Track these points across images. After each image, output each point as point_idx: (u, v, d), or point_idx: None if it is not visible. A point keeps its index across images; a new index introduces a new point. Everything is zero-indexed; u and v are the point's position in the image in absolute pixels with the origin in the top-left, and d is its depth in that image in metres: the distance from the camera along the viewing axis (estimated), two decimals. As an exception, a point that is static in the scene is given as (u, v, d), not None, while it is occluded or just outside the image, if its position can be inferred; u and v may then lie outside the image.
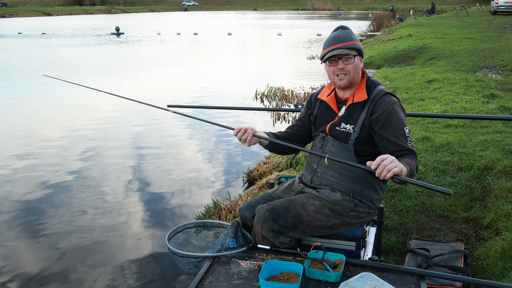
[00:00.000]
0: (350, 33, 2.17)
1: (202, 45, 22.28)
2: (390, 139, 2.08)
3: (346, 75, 2.15)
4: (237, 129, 2.20)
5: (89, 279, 3.38)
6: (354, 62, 2.14)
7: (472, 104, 6.25)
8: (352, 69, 2.14)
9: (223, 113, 8.23)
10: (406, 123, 2.13)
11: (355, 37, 2.18)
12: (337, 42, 2.14)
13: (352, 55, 2.13)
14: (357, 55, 2.16)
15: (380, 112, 2.09)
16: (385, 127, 2.08)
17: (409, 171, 1.92)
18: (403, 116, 2.14)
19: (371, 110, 2.12)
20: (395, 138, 2.07)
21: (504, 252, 2.75)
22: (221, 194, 4.79)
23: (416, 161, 2.05)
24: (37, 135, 7.11)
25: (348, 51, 2.12)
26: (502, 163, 4.04)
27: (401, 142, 2.07)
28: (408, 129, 2.12)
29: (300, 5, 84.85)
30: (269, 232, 2.12)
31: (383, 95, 2.14)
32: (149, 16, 58.44)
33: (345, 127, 2.17)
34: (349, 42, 2.14)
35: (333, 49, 2.14)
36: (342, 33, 2.16)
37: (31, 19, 48.79)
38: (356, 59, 2.15)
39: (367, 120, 2.12)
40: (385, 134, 2.08)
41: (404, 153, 2.07)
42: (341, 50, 2.12)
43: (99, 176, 5.34)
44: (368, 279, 1.80)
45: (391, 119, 2.08)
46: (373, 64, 12.23)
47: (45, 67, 14.24)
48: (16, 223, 4.26)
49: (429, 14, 37.62)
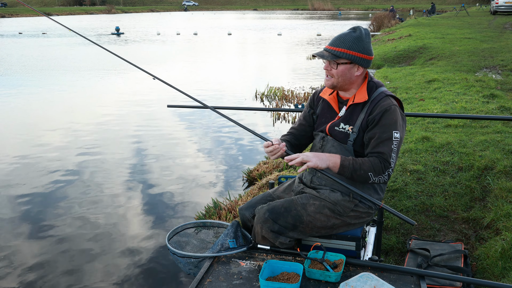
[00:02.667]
0: (355, 38, 2.07)
1: (202, 45, 22.27)
2: (371, 139, 2.07)
3: (331, 78, 2.14)
4: (269, 142, 2.13)
5: (89, 278, 3.38)
6: (337, 69, 2.10)
7: (472, 104, 6.25)
8: (336, 75, 2.11)
9: (222, 113, 8.22)
10: (398, 127, 2.07)
11: (357, 44, 2.06)
12: (330, 43, 2.12)
13: (335, 62, 2.09)
14: (346, 63, 2.08)
15: (376, 113, 2.07)
16: (374, 127, 2.07)
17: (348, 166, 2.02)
18: (398, 120, 2.08)
19: (369, 111, 2.10)
20: (378, 138, 2.05)
21: (504, 252, 2.75)
22: (221, 194, 4.79)
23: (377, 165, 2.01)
24: (37, 134, 7.10)
25: (331, 56, 2.09)
26: (502, 163, 4.04)
27: (380, 143, 2.04)
28: (398, 133, 2.06)
29: (300, 5, 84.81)
30: (269, 233, 2.12)
31: (384, 97, 2.11)
32: (149, 16, 58.44)
33: (344, 127, 2.16)
34: (340, 48, 2.07)
35: (325, 49, 2.13)
36: (344, 37, 2.09)
37: (31, 19, 48.77)
38: (342, 67, 2.09)
39: (365, 121, 2.11)
40: (371, 131, 2.08)
41: (372, 155, 2.06)
42: (325, 53, 2.11)
43: (99, 176, 5.34)
44: (368, 279, 1.80)
45: (383, 119, 2.06)
46: (373, 64, 12.22)
47: (50, 65, 14.25)
48: (16, 223, 4.26)
49: (429, 14, 37.63)
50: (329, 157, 2.05)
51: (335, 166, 2.05)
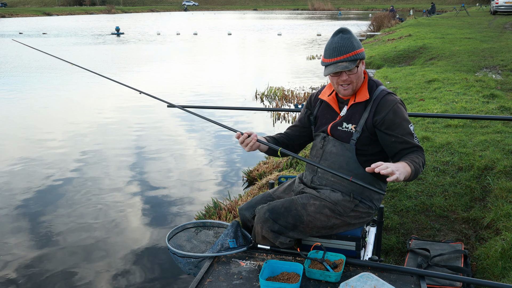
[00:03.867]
0: (352, 39, 2.09)
1: (202, 45, 22.27)
2: (399, 138, 2.10)
3: (350, 85, 2.13)
4: (239, 133, 2.19)
5: (89, 278, 3.38)
6: (357, 72, 2.11)
7: (472, 104, 6.25)
8: (355, 78, 2.12)
9: (222, 113, 8.23)
10: (410, 120, 2.16)
11: (356, 42, 2.10)
12: (339, 54, 2.06)
13: (355, 67, 2.09)
14: (359, 64, 2.11)
15: (385, 113, 2.09)
16: (391, 127, 2.10)
17: (414, 170, 1.97)
18: (406, 115, 2.16)
19: (374, 110, 2.12)
20: (403, 136, 2.09)
21: (504, 252, 2.75)
22: (221, 194, 4.79)
23: (423, 157, 2.09)
24: (37, 134, 7.10)
25: (353, 63, 2.06)
26: (502, 163, 4.04)
27: (409, 139, 2.10)
28: (412, 126, 2.15)
29: (300, 5, 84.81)
30: (269, 233, 2.12)
31: (386, 94, 2.14)
32: (149, 16, 58.44)
33: (347, 126, 2.17)
34: (352, 52, 2.06)
35: (336, 61, 2.07)
36: (344, 41, 2.07)
37: (31, 19, 48.78)
38: (359, 68, 2.11)
39: (370, 120, 2.12)
40: (393, 133, 2.10)
41: (412, 150, 2.10)
42: (346, 64, 2.05)
43: (99, 176, 5.34)
44: (368, 279, 1.80)
45: (396, 118, 2.10)
46: (373, 64, 12.23)
47: (49, 65, 14.24)
48: (16, 223, 4.26)
49: (429, 14, 37.62)
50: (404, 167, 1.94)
51: (409, 175, 1.95)
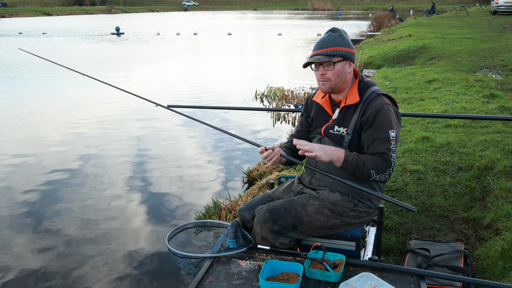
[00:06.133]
0: (338, 37, 2.11)
1: (202, 45, 22.28)
2: (368, 140, 2.08)
3: (328, 82, 2.14)
4: (263, 148, 2.14)
5: (89, 278, 3.38)
6: (334, 69, 2.10)
7: (472, 104, 6.25)
8: (333, 76, 2.11)
9: (222, 113, 8.24)
10: (394, 126, 2.09)
11: (342, 41, 2.10)
12: (319, 47, 2.11)
13: (332, 62, 2.09)
14: (340, 61, 2.10)
15: (369, 113, 2.08)
16: (369, 128, 2.08)
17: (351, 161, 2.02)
18: (392, 119, 2.10)
19: (362, 112, 2.12)
20: (372, 140, 2.07)
21: (504, 252, 2.75)
22: (221, 194, 4.79)
23: (379, 163, 2.03)
24: (37, 134, 7.10)
25: (326, 58, 2.08)
26: (502, 163, 4.04)
27: (376, 145, 2.06)
28: (394, 132, 2.08)
29: (300, 5, 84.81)
30: (269, 233, 2.12)
31: (376, 96, 2.12)
32: (149, 16, 58.44)
33: (338, 130, 2.17)
34: (331, 48, 2.09)
35: (314, 54, 2.12)
36: (328, 38, 2.11)
37: (31, 19, 48.77)
38: (338, 66, 2.10)
39: (359, 122, 2.12)
40: (366, 133, 2.09)
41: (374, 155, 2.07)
42: (319, 57, 2.09)
43: (99, 176, 5.34)
44: (368, 279, 1.80)
45: (377, 120, 2.07)
46: (373, 64, 12.21)
47: (50, 64, 14.23)
48: (16, 223, 4.26)
49: (429, 14, 37.59)
50: (334, 151, 2.05)
51: (338, 161, 2.05)
